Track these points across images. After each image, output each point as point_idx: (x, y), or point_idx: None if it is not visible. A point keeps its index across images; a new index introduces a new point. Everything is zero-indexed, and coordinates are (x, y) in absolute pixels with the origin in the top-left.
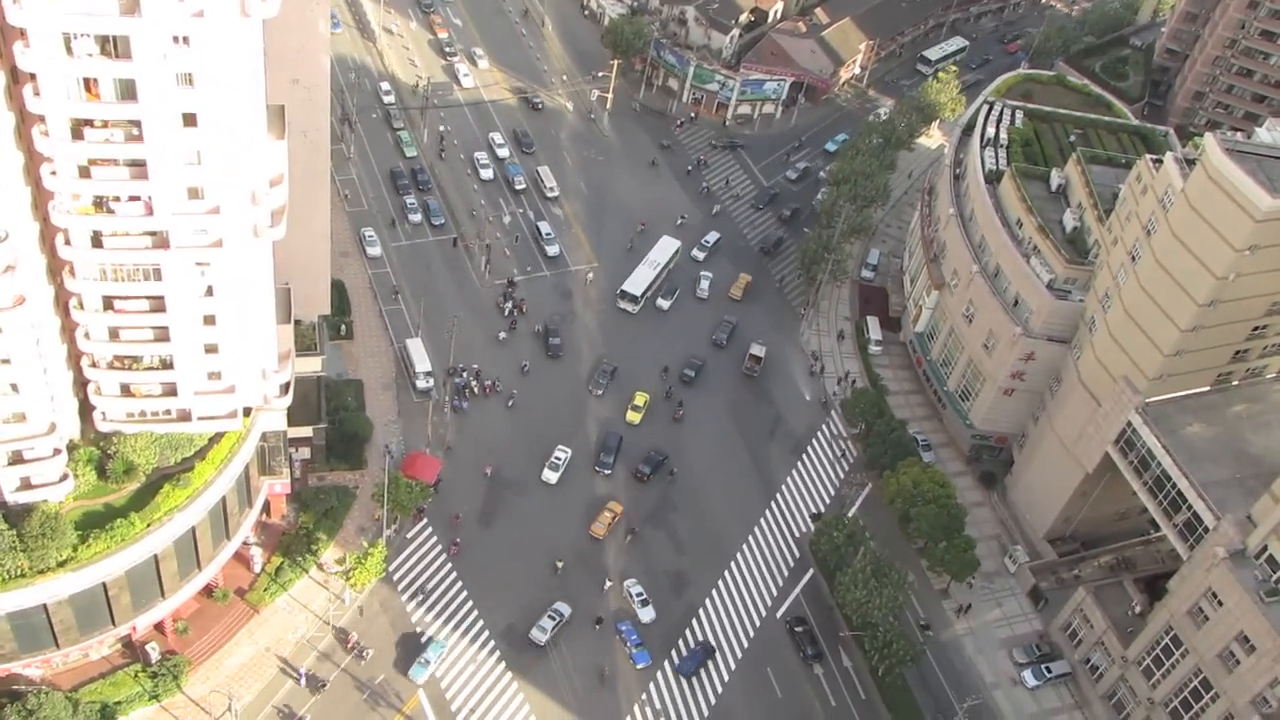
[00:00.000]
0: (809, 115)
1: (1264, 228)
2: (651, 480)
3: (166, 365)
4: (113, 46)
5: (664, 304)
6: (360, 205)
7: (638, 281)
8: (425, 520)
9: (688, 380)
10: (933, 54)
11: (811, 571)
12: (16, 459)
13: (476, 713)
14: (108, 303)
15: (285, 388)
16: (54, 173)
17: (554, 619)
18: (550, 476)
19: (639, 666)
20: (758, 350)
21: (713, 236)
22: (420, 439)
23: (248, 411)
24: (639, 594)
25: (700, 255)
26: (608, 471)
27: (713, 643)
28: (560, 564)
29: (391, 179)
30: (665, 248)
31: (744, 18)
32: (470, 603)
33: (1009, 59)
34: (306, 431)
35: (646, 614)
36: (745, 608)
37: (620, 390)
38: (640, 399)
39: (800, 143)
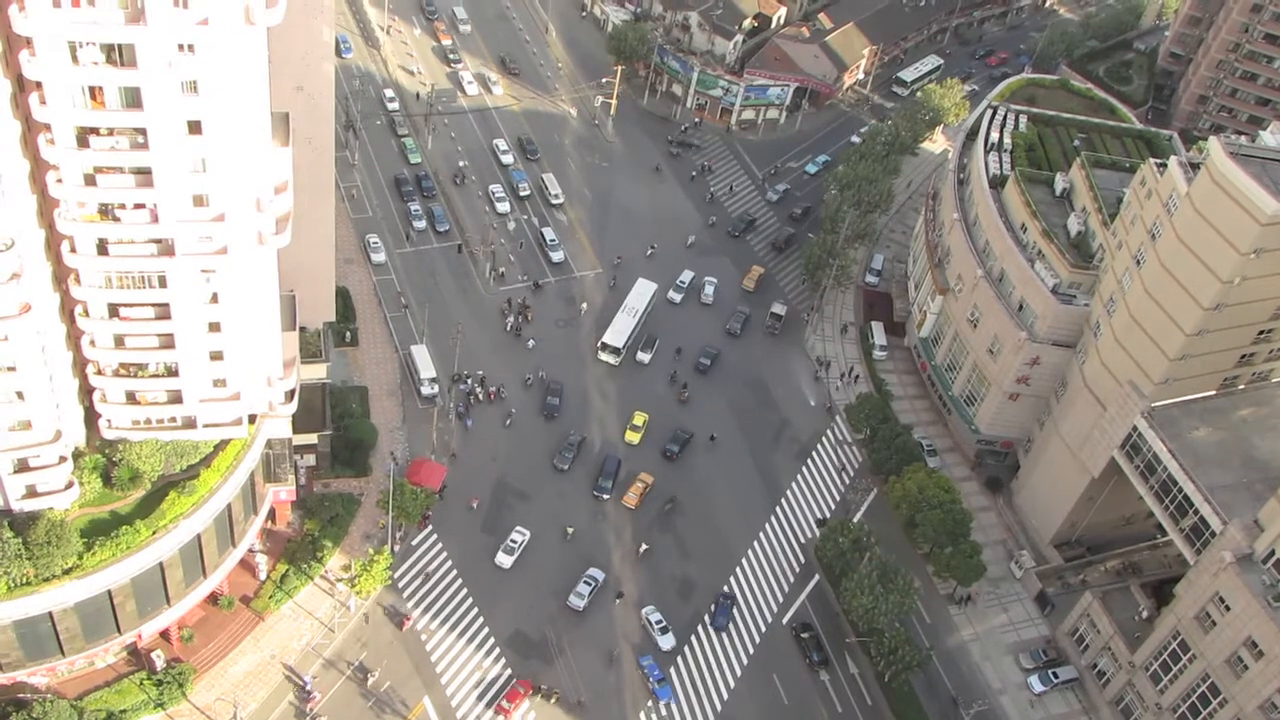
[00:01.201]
0: (813, 120)
1: (1269, 231)
2: (679, 458)
3: (172, 372)
4: (118, 55)
5: (644, 357)
6: (365, 212)
7: (618, 331)
8: (430, 526)
9: (703, 369)
10: (907, 75)
11: (817, 577)
12: (22, 466)
13: None
14: (113, 310)
15: (290, 395)
16: (60, 180)
17: (590, 584)
18: (504, 560)
19: (662, 701)
20: (779, 309)
21: (687, 275)
22: (425, 446)
23: (253, 419)
24: (658, 621)
25: (677, 297)
26: (606, 496)
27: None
28: (570, 530)
29: (396, 186)
30: (642, 292)
31: (747, 23)
32: (475, 609)
33: (987, 72)
34: (311, 438)
35: (666, 641)
36: (751, 613)
37: (586, 463)
38: (639, 419)
39: (776, 169)
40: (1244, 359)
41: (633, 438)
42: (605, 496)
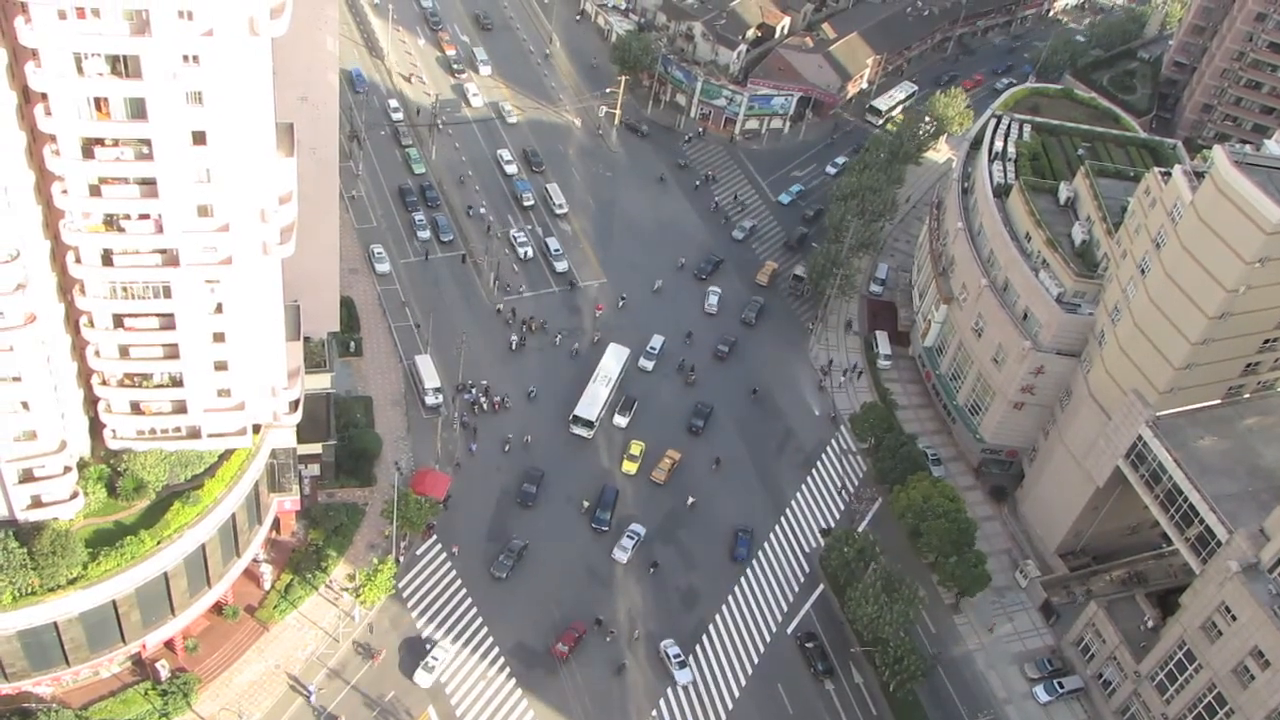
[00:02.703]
0: (816, 130)
1: (1274, 240)
2: (704, 433)
3: (176, 382)
4: (123, 66)
5: (621, 421)
6: (369, 222)
7: (591, 403)
8: (434, 536)
9: (721, 355)
10: (881, 103)
11: (822, 587)
12: (27, 477)
13: None
14: (118, 320)
15: (295, 405)
16: (65, 191)
17: (633, 538)
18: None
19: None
20: (800, 271)
21: (658, 341)
22: (430, 455)
23: (257, 428)
24: (676, 655)
25: (648, 365)
26: (605, 529)
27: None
28: (586, 503)
29: (400, 196)
30: (615, 357)
31: (751, 33)
32: (480, 619)
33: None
34: (316, 448)
35: (683, 676)
36: (756, 623)
37: (527, 574)
38: (636, 448)
39: (742, 207)
40: (1249, 368)
41: (630, 468)
42: (604, 529)
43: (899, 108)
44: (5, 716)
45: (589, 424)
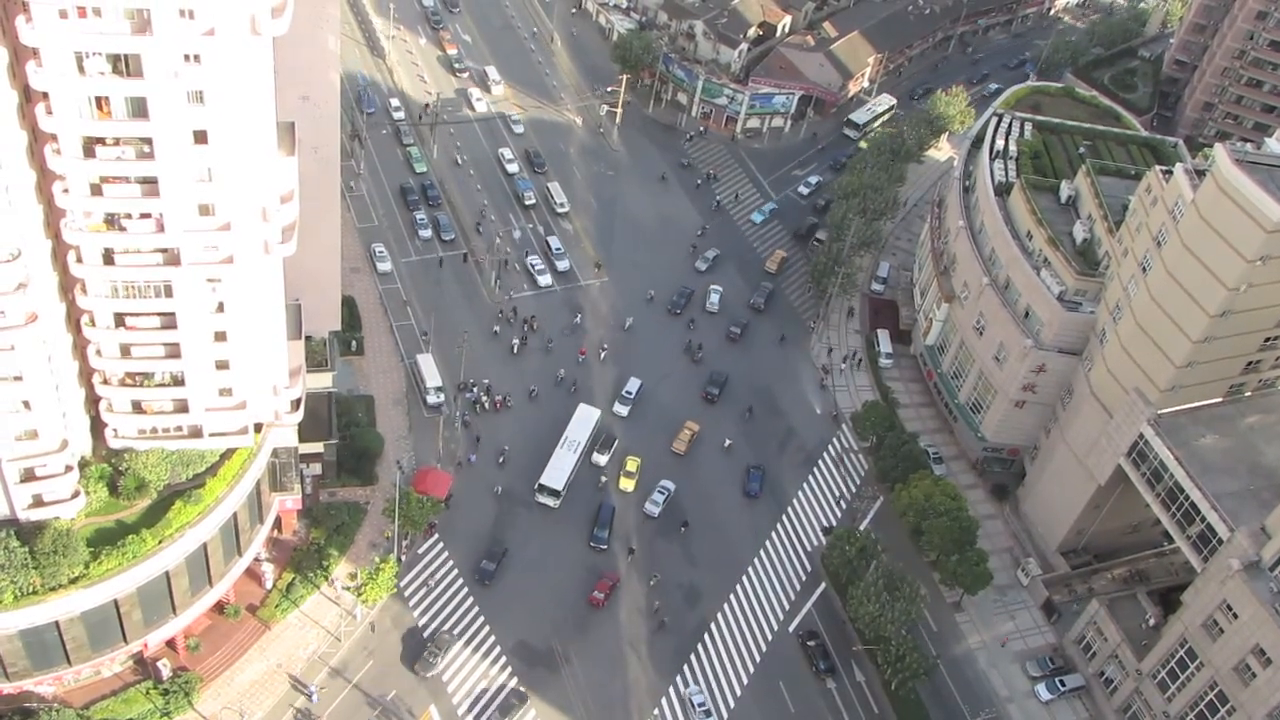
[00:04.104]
0: (818, 129)
1: (1275, 238)
2: (720, 400)
3: (178, 381)
4: (124, 65)
5: (600, 459)
6: (370, 221)
7: (558, 471)
8: (436, 535)
9: (734, 337)
10: (859, 117)
11: (824, 585)
12: (29, 476)
13: None
14: (119, 319)
15: (296, 404)
16: (66, 190)
17: (663, 493)
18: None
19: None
20: (821, 235)
21: (634, 384)
22: (431, 454)
23: (259, 427)
24: (700, 704)
25: (623, 411)
26: (603, 546)
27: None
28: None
29: (401, 194)
30: (584, 420)
31: (752, 32)
32: (482, 618)
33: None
34: (318, 447)
35: None
36: (757, 622)
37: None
38: (632, 465)
39: (703, 230)
40: (1250, 366)
41: (627, 485)
42: (603, 547)
43: (878, 121)
44: (7, 716)
45: (555, 493)
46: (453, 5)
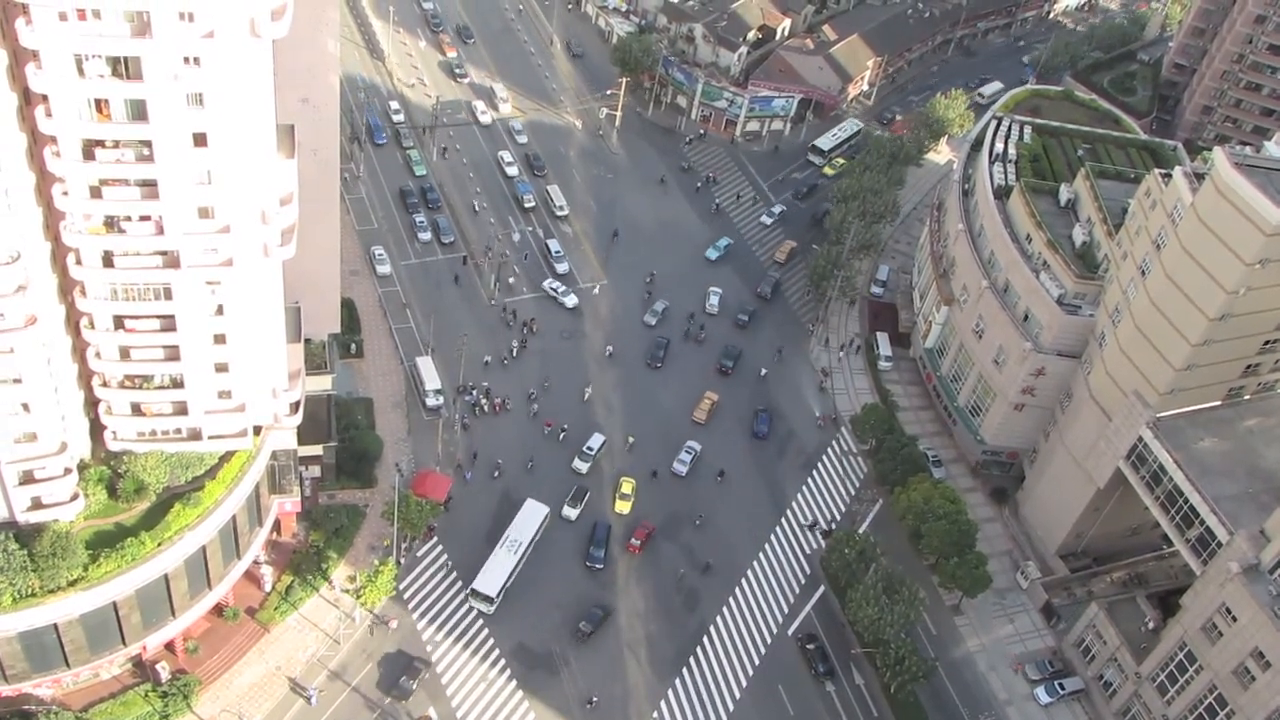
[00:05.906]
0: (818, 132)
1: (1274, 242)
2: (734, 373)
3: (177, 384)
4: (124, 67)
5: (571, 513)
6: (370, 224)
7: (494, 575)
8: (435, 538)
9: (742, 324)
10: (824, 142)
11: (823, 588)
12: (28, 478)
13: None
14: (118, 322)
15: (295, 406)
16: (65, 193)
17: (690, 453)
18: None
19: None
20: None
21: (597, 440)
22: (430, 457)
23: (258, 430)
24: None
25: (583, 467)
26: (599, 566)
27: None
28: (588, 391)
29: (401, 197)
30: (530, 518)
31: (752, 35)
32: (480, 620)
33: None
34: (317, 450)
35: None
36: (756, 625)
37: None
38: (627, 486)
39: (651, 277)
40: (1249, 369)
41: (623, 507)
42: (599, 567)
43: (844, 147)
44: (6, 718)
45: (488, 599)
46: (467, 37)
